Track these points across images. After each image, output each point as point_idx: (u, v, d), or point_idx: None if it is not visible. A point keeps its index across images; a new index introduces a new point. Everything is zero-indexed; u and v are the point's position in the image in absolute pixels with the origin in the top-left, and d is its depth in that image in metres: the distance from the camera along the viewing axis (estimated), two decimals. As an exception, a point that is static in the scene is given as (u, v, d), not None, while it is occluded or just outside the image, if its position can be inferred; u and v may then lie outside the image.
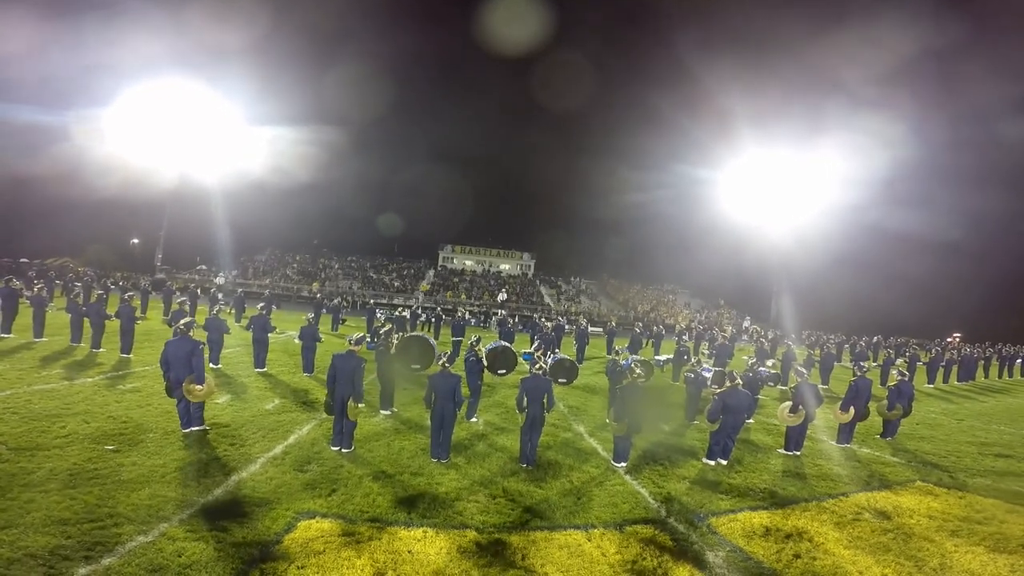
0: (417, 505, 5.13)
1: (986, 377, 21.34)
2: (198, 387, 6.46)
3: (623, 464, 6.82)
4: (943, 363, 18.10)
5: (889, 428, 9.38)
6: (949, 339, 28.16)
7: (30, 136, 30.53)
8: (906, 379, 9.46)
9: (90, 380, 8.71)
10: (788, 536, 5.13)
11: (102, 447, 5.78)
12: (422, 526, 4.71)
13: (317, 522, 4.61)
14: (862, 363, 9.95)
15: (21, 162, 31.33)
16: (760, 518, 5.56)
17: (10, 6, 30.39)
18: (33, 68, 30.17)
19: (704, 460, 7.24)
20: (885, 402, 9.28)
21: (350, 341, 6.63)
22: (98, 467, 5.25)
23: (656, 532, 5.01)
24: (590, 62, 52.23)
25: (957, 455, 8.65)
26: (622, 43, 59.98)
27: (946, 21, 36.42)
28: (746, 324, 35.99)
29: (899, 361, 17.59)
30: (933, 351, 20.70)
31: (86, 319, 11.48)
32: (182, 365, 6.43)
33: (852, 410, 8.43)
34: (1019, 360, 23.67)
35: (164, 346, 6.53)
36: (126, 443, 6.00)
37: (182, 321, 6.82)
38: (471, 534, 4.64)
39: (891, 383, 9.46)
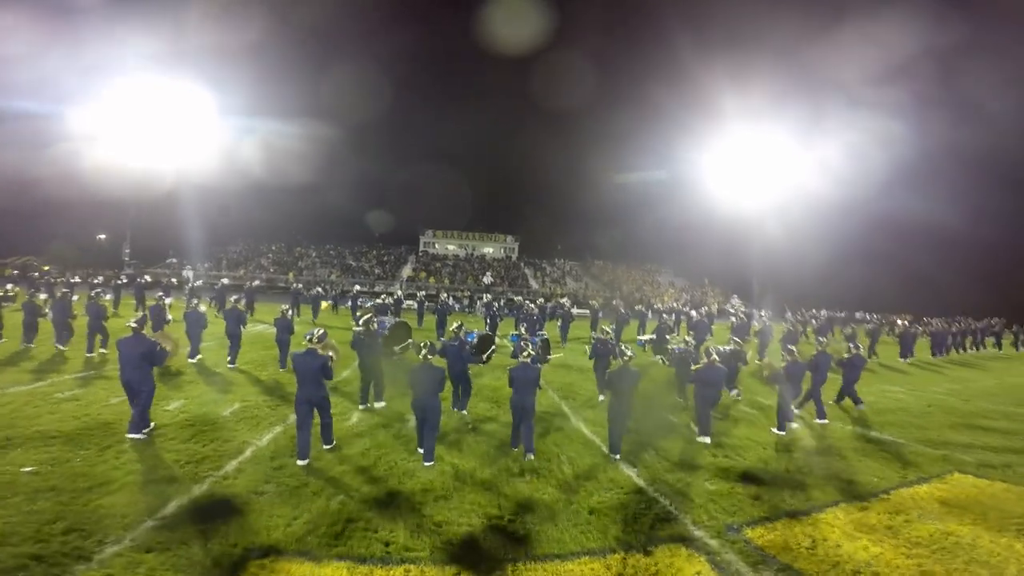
0: (398, 524, 4.33)
1: (959, 352, 21.00)
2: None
3: (616, 456, 6.37)
4: (913, 337, 18.29)
5: (847, 393, 9.44)
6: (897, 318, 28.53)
7: None
8: (858, 352, 9.59)
9: (45, 383, 7.92)
10: (838, 546, 4.44)
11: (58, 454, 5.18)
12: (403, 562, 3.84)
13: (271, 562, 3.71)
14: (821, 339, 10.41)
15: None
16: (802, 527, 4.80)
17: None
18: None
19: (699, 439, 7.17)
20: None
21: (309, 338, 5.89)
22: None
23: (688, 552, 4.23)
24: (574, 46, 51.33)
25: (983, 441, 8.08)
26: (607, 26, 59.07)
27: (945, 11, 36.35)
28: (734, 302, 36.60)
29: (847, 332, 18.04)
30: (902, 326, 21.10)
31: (40, 319, 10.80)
32: (134, 367, 5.77)
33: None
34: (990, 334, 23.83)
35: (116, 346, 5.90)
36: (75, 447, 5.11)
37: (132, 319, 6.08)
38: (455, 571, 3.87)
39: (845, 356, 9.53)
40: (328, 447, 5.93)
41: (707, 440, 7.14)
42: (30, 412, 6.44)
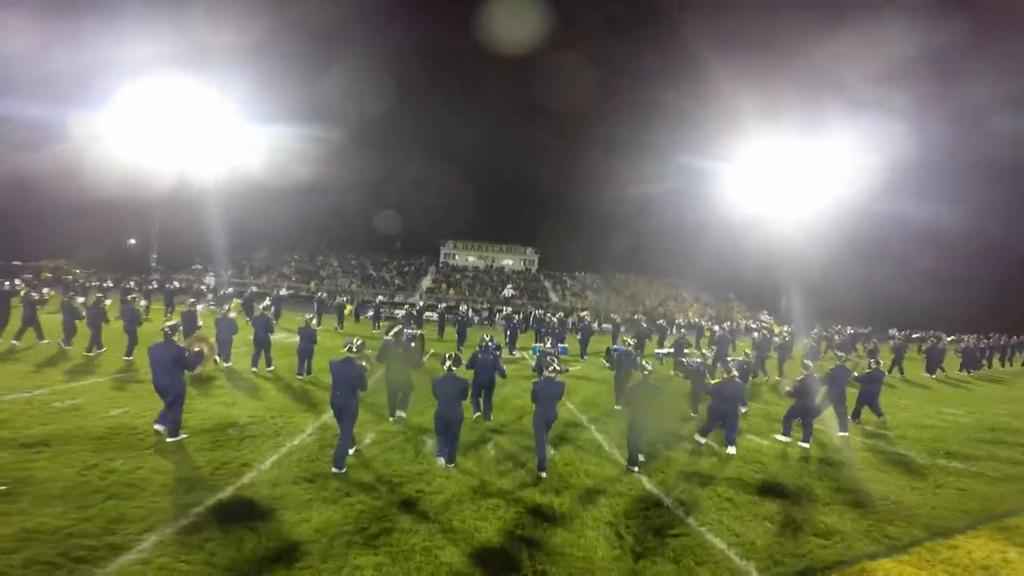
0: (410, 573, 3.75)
1: (990, 367, 20.28)
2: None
3: (635, 469, 6.19)
4: (941, 354, 17.49)
5: (871, 407, 9.33)
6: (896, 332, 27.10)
7: (23, 136, 29.93)
8: (878, 367, 9.57)
9: (46, 391, 7.61)
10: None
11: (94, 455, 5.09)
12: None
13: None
14: (840, 353, 10.73)
15: (15, 163, 30.72)
16: (885, 572, 4.08)
17: (8, 5, 29.64)
18: (28, 67, 29.37)
19: (696, 436, 7.47)
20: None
21: (348, 347, 5.89)
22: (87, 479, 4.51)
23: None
24: (592, 56, 51.23)
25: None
26: (623, 36, 58.87)
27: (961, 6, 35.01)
28: (764, 318, 35.20)
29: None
30: (929, 342, 20.23)
31: (78, 321, 10.89)
32: (164, 371, 5.83)
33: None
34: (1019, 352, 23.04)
35: (148, 352, 5.95)
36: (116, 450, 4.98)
37: (166, 324, 6.18)
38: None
39: (866, 371, 9.58)
40: (337, 471, 5.39)
41: (703, 441, 7.39)
42: (22, 422, 5.98)
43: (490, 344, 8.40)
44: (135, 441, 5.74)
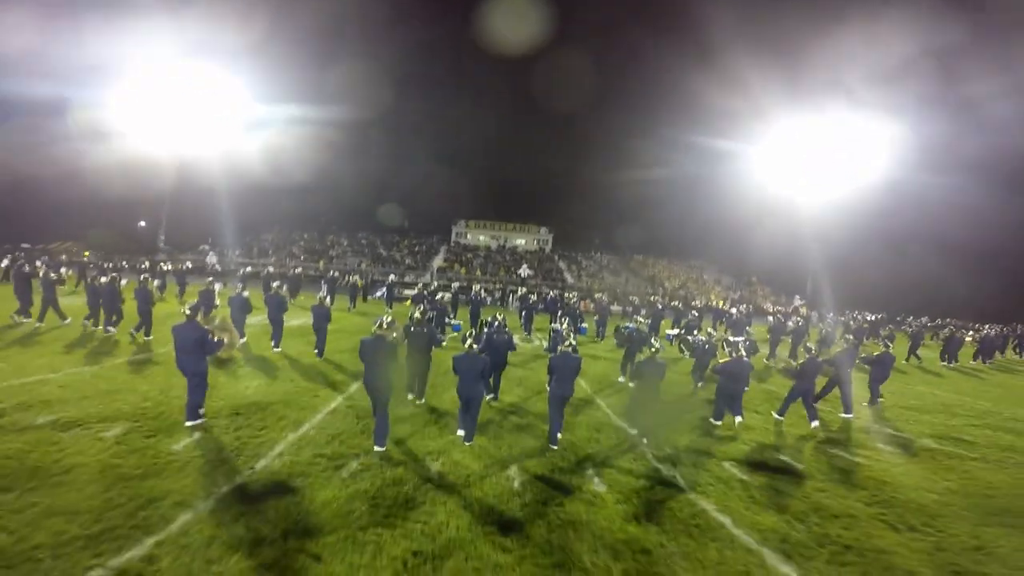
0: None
1: (1003, 355, 19.95)
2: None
3: (635, 433, 6.42)
4: (958, 344, 17.15)
5: (873, 395, 9.41)
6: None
7: (31, 122, 30.00)
8: (889, 351, 9.59)
9: (109, 364, 8.01)
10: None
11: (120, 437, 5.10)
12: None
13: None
14: (848, 336, 11.11)
15: (22, 147, 30.82)
16: None
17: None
18: (36, 53, 29.15)
19: (711, 419, 7.44)
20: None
21: (378, 324, 5.89)
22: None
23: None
24: (612, 35, 49.53)
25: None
26: (639, 19, 56.70)
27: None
28: (796, 303, 34.36)
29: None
30: (948, 331, 19.67)
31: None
32: (187, 352, 5.82)
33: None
34: None
35: (171, 332, 5.92)
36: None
37: (188, 306, 6.18)
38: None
39: (875, 354, 9.62)
40: (380, 448, 5.48)
41: (719, 423, 7.36)
42: (50, 403, 5.93)
43: (501, 323, 8.39)
44: (160, 423, 5.68)
